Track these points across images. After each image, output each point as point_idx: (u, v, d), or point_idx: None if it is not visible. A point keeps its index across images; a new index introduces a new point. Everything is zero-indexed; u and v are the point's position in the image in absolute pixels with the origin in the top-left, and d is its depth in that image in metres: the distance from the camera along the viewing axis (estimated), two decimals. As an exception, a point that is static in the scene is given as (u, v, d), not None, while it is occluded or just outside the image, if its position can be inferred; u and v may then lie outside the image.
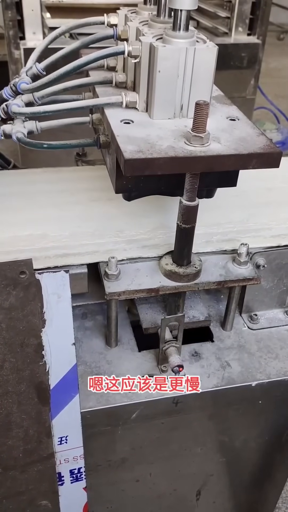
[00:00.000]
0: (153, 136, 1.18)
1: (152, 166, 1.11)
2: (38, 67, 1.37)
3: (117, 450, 1.45)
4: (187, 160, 1.12)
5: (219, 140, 1.18)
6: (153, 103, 1.24)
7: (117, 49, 1.24)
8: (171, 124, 1.24)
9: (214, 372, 1.42)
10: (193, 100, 1.24)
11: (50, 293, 1.17)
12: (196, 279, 1.34)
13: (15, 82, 1.36)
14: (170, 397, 1.36)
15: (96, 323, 1.54)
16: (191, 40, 1.21)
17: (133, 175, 1.13)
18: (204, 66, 1.21)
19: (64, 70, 1.27)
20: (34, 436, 1.29)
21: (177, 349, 1.37)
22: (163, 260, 1.37)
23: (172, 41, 1.19)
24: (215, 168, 1.16)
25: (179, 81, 1.22)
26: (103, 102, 1.28)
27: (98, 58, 1.27)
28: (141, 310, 1.48)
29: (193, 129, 1.14)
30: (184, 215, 1.25)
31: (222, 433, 1.54)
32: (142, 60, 1.22)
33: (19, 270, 1.14)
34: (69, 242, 1.41)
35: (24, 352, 1.20)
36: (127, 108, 1.29)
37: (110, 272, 1.32)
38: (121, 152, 1.11)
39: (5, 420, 1.25)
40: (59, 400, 1.27)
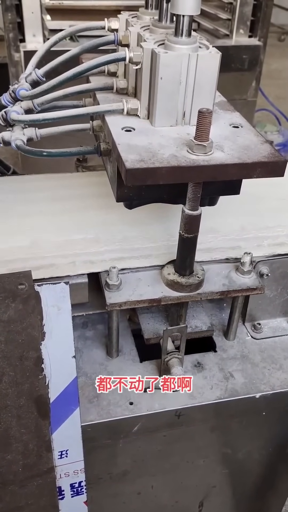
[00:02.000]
0: (155, 145, 1.15)
1: (154, 176, 1.08)
2: (37, 73, 1.34)
3: (118, 463, 1.43)
4: (189, 169, 1.09)
5: (222, 149, 1.16)
6: (155, 111, 1.21)
7: (118, 55, 1.21)
8: (173, 131, 1.22)
9: (217, 383, 1.39)
10: (195, 107, 1.22)
11: (49, 305, 1.15)
12: (199, 289, 1.32)
13: (14, 88, 1.33)
14: (172, 410, 1.33)
15: (96, 333, 1.52)
16: (194, 46, 1.18)
17: (134, 185, 1.10)
18: (207, 72, 1.19)
19: (65, 76, 1.24)
20: (33, 451, 1.26)
21: (179, 360, 1.34)
22: (165, 269, 1.34)
23: (174, 47, 1.16)
24: (218, 177, 1.14)
25: (181, 88, 1.19)
26: (104, 110, 1.26)
27: (99, 64, 1.24)
28: (143, 320, 1.46)
29: (196, 138, 1.11)
30: (186, 225, 1.23)
31: (225, 445, 1.51)
32: (144, 67, 1.20)
33: (18, 282, 1.11)
34: (68, 251, 1.38)
35: (23, 365, 1.17)
36: (128, 115, 1.26)
37: (111, 282, 1.29)
38: (122, 161, 1.08)
39: (4, 435, 1.22)
40: (59, 413, 1.24)
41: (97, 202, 1.58)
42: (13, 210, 1.53)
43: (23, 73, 1.39)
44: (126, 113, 1.26)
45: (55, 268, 1.32)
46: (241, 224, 1.55)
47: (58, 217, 1.52)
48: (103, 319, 1.54)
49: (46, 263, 1.33)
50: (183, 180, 1.14)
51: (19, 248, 1.38)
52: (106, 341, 1.47)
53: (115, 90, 1.36)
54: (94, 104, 1.43)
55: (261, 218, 1.58)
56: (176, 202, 1.37)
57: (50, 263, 1.33)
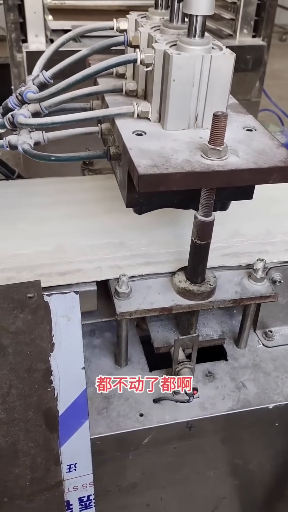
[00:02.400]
0: (168, 149, 1.12)
1: (167, 182, 1.05)
2: (45, 75, 1.30)
3: (128, 475, 1.39)
4: (204, 175, 1.05)
5: (237, 153, 1.12)
6: (167, 114, 1.17)
7: (129, 57, 1.17)
8: (185, 135, 1.18)
9: (229, 393, 1.36)
10: (208, 110, 1.18)
11: (59, 315, 1.11)
12: (210, 297, 1.28)
13: (21, 91, 1.29)
14: (183, 422, 1.29)
15: (104, 341, 1.48)
16: (207, 47, 1.14)
17: (147, 191, 1.06)
18: (220, 74, 1.15)
19: (74, 79, 1.20)
20: (41, 464, 1.22)
21: (190, 370, 1.31)
22: (176, 277, 1.30)
23: (187, 48, 1.13)
24: (233, 183, 1.10)
25: (194, 90, 1.15)
26: (114, 113, 1.22)
27: (109, 66, 1.21)
28: (152, 328, 1.42)
29: (211, 142, 1.08)
30: (199, 231, 1.19)
31: (236, 456, 1.47)
32: (155, 68, 1.16)
33: (26, 292, 1.07)
34: (75, 258, 1.34)
35: (31, 378, 1.14)
36: (139, 118, 1.22)
37: (121, 290, 1.25)
38: (135, 166, 1.04)
39: (12, 448, 1.18)
40: (68, 426, 1.21)
41: (108, 206, 1.54)
42: (29, 214, 1.49)
43: (30, 75, 1.35)
44: (137, 116, 1.22)
45: (82, 273, 1.29)
46: (266, 227, 1.51)
47: (75, 221, 1.48)
48: (111, 326, 1.50)
49: (73, 268, 1.30)
50: (197, 186, 1.11)
51: (43, 253, 1.34)
52: (115, 350, 1.44)
53: (124, 92, 1.32)
54: (103, 106, 1.39)
55: (284, 222, 1.55)
56: (187, 207, 1.33)
57: (76, 268, 1.30)
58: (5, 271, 1.26)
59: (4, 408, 1.14)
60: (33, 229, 1.43)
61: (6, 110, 1.34)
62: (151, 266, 1.34)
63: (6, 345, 1.10)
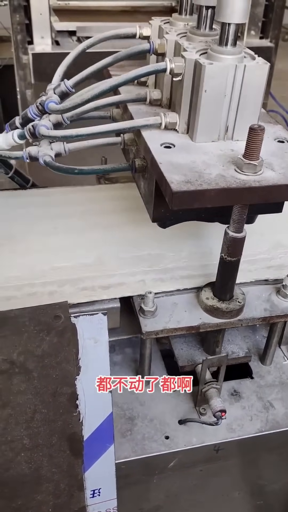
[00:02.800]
0: (199, 163, 1.07)
1: (202, 199, 0.99)
2: (67, 85, 1.25)
3: (151, 499, 1.34)
4: (240, 191, 1.00)
5: (272, 167, 1.07)
6: (197, 125, 1.12)
7: (158, 66, 1.12)
8: (215, 147, 1.13)
9: (257, 414, 1.31)
10: (239, 122, 1.13)
11: (86, 337, 1.06)
12: (239, 315, 1.23)
13: (42, 101, 1.24)
14: (211, 444, 1.25)
15: (125, 357, 1.43)
16: (240, 56, 1.09)
17: (180, 208, 1.01)
18: (254, 84, 1.10)
19: (100, 90, 1.15)
20: (65, 490, 1.17)
21: (217, 391, 1.26)
22: (203, 293, 1.25)
23: (220, 57, 1.07)
24: (270, 199, 1.05)
25: (225, 101, 1.10)
26: (141, 124, 1.16)
27: (138, 76, 1.15)
28: (176, 345, 1.37)
29: (246, 156, 1.02)
30: (230, 247, 1.14)
31: (262, 477, 1.43)
32: (185, 78, 1.11)
33: (53, 314, 1.03)
34: (96, 273, 1.29)
35: (56, 402, 1.09)
36: (166, 129, 1.17)
37: (147, 308, 1.20)
38: (167, 183, 0.99)
39: (35, 475, 1.13)
40: (93, 451, 1.16)
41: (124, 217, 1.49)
42: (53, 225, 1.43)
43: (50, 84, 1.29)
44: (164, 127, 1.17)
45: (126, 287, 1.25)
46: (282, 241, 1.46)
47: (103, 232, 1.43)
48: (131, 342, 1.46)
49: (115, 281, 1.25)
50: (233, 203, 1.06)
51: (84, 265, 1.29)
52: (136, 367, 1.39)
53: (148, 101, 1.27)
54: (124, 115, 1.34)
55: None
56: (213, 220, 1.28)
57: (119, 282, 1.25)
58: (47, 285, 1.20)
59: (28, 434, 1.09)
60: (61, 241, 1.37)
61: (26, 120, 1.29)
62: (177, 282, 1.28)
63: (31, 369, 1.05)
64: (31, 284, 1.19)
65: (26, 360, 1.04)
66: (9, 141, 1.27)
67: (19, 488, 1.13)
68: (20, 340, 1.03)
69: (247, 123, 1.11)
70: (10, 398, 1.06)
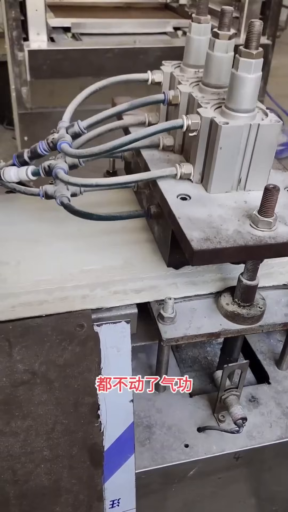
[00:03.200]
0: (216, 217, 1.08)
1: (221, 256, 1.02)
2: (80, 126, 1.24)
3: (168, 507, 1.32)
4: (256, 248, 1.02)
5: (285, 221, 1.09)
6: (211, 178, 1.14)
7: (176, 123, 1.13)
8: (230, 199, 1.14)
9: (276, 420, 1.29)
10: (252, 174, 1.17)
11: (108, 346, 1.04)
12: (260, 321, 1.21)
13: (54, 139, 1.22)
14: (231, 453, 1.22)
15: (139, 363, 1.40)
16: (253, 113, 1.10)
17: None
18: (266, 141, 1.12)
19: (119, 143, 1.15)
20: (84, 501, 1.15)
21: (237, 398, 1.24)
22: (222, 299, 1.23)
23: (234, 115, 1.09)
24: (284, 255, 1.09)
25: (239, 157, 1.12)
26: (158, 175, 1.17)
27: (156, 132, 1.17)
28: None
29: (261, 213, 1.05)
30: (243, 294, 1.17)
31: (279, 484, 1.41)
32: (201, 134, 1.12)
33: (76, 323, 1.00)
34: (112, 278, 1.25)
35: (77, 413, 1.06)
36: (181, 179, 1.18)
37: (166, 314, 1.18)
38: (187, 240, 1.01)
39: (54, 486, 1.10)
40: (113, 461, 1.13)
41: (134, 222, 1.45)
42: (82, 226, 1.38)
43: (61, 121, 1.27)
44: (179, 177, 1.17)
45: (158, 290, 1.22)
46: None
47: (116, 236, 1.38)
48: (144, 348, 1.43)
49: (147, 285, 1.22)
50: (249, 259, 1.10)
51: (113, 268, 1.25)
52: (152, 373, 1.36)
53: (161, 147, 1.28)
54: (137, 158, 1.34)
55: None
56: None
57: (151, 285, 1.22)
58: (78, 288, 1.16)
59: (48, 445, 1.07)
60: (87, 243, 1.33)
61: (35, 155, 1.28)
62: (196, 287, 1.26)
63: (53, 379, 1.02)
64: (62, 288, 1.15)
65: (47, 370, 1.01)
66: (22, 176, 1.27)
67: (39, 500, 1.10)
68: (42, 350, 1.00)
69: (260, 174, 1.17)
70: (31, 409, 1.03)
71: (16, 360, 1.00)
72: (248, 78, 1.04)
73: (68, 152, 1.18)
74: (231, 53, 1.15)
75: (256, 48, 1.03)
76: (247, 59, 1.03)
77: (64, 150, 1.18)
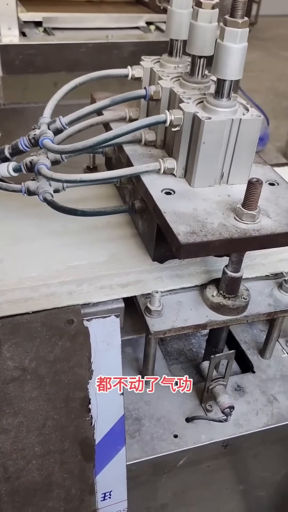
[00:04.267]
0: (201, 211, 1.09)
1: (207, 249, 1.04)
2: (62, 122, 1.22)
3: (158, 497, 1.34)
4: (241, 241, 1.04)
5: (267, 214, 1.11)
6: (195, 173, 1.14)
7: (159, 118, 1.13)
8: (213, 193, 1.16)
9: (262, 408, 1.32)
10: (235, 168, 1.18)
11: (98, 341, 1.04)
12: (245, 312, 1.23)
13: (36, 135, 1.21)
14: (219, 441, 1.25)
15: (126, 357, 1.41)
16: (235, 108, 1.12)
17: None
18: (248, 135, 1.13)
19: (102, 138, 1.14)
20: (76, 495, 1.15)
21: (224, 387, 1.26)
22: (207, 291, 1.25)
23: (216, 110, 1.10)
24: (268, 246, 1.11)
25: (222, 151, 1.13)
26: (142, 171, 1.17)
27: (139, 127, 1.16)
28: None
29: (245, 207, 1.06)
30: (228, 286, 1.19)
31: (265, 469, 1.44)
32: (183, 129, 1.13)
33: (66, 319, 1.00)
34: (98, 273, 1.25)
35: (68, 408, 1.07)
36: (164, 174, 1.19)
37: (153, 308, 1.19)
38: (174, 235, 1.02)
39: (46, 481, 1.11)
40: (104, 454, 1.14)
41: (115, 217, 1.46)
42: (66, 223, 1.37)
43: (42, 117, 1.26)
44: (163, 172, 1.18)
45: (144, 284, 1.22)
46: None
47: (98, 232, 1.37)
48: (130, 342, 1.44)
49: (133, 279, 1.22)
50: (235, 251, 1.12)
51: (99, 263, 1.24)
52: (138, 366, 1.38)
53: (143, 143, 1.28)
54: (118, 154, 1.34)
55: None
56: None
57: (137, 279, 1.23)
58: (64, 284, 1.16)
59: (39, 441, 1.07)
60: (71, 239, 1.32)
61: (16, 151, 1.26)
62: (181, 280, 1.27)
63: (43, 375, 1.02)
64: (48, 285, 1.15)
65: (38, 366, 1.02)
66: (3, 173, 1.26)
67: (31, 496, 1.11)
68: (32, 346, 1.00)
69: (242, 168, 1.19)
70: (22, 405, 1.03)
71: (6, 357, 1.00)
72: (234, 48, 1.03)
73: (51, 148, 1.18)
74: (215, 23, 1.13)
75: (242, 17, 1.01)
76: (233, 29, 1.01)
77: (47, 146, 1.18)
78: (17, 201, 1.35)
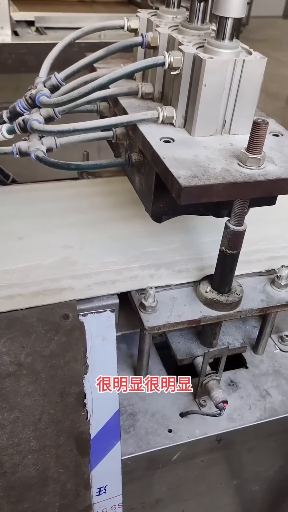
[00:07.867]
0: (202, 158, 1.06)
1: (210, 193, 0.99)
2: (57, 78, 1.21)
3: (153, 492, 1.35)
4: (246, 185, 1.00)
5: (273, 160, 1.08)
6: (196, 119, 1.11)
7: (157, 60, 1.10)
8: (215, 142, 1.13)
9: (255, 403, 1.33)
10: (237, 115, 1.14)
11: (94, 336, 1.05)
12: (238, 307, 1.25)
13: (32, 94, 1.20)
14: (213, 435, 1.26)
15: (120, 353, 1.42)
16: (237, 50, 1.09)
17: (188, 204, 1.00)
18: (252, 78, 1.10)
19: (97, 83, 1.12)
20: (71, 490, 1.16)
21: (217, 382, 1.27)
22: (201, 287, 1.26)
23: (218, 51, 1.07)
24: (274, 193, 1.07)
25: (224, 95, 1.10)
26: (139, 118, 1.15)
27: (137, 70, 1.13)
28: (173, 339, 1.38)
29: (250, 150, 1.03)
30: (230, 241, 1.15)
31: (259, 464, 1.46)
32: (183, 73, 1.10)
33: (61, 314, 1.01)
34: (92, 270, 1.27)
35: (64, 402, 1.07)
36: (163, 123, 1.16)
37: (148, 303, 1.20)
38: (174, 178, 0.98)
39: (41, 476, 1.11)
40: (100, 449, 1.15)
41: (112, 213, 1.47)
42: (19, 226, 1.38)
43: (38, 77, 1.26)
44: (161, 121, 1.16)
45: (138, 280, 1.25)
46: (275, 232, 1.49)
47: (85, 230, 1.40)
48: (124, 338, 1.45)
49: (128, 275, 1.25)
50: (239, 197, 1.07)
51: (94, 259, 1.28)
52: (132, 362, 1.39)
53: (140, 95, 1.26)
54: (114, 109, 1.33)
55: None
56: (208, 214, 1.29)
57: (131, 275, 1.26)
58: (56, 280, 1.17)
59: (35, 436, 1.07)
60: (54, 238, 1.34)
61: (14, 114, 1.25)
62: (175, 276, 1.29)
63: (39, 370, 1.03)
64: (36, 282, 1.16)
65: (34, 361, 1.02)
66: None
67: (26, 491, 1.11)
68: (28, 341, 1.01)
69: (245, 117, 1.14)
70: (18, 400, 1.04)
71: (2, 352, 1.01)
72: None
73: (47, 102, 1.14)
74: None
75: None
76: None
77: (43, 102, 1.15)
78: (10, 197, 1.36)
